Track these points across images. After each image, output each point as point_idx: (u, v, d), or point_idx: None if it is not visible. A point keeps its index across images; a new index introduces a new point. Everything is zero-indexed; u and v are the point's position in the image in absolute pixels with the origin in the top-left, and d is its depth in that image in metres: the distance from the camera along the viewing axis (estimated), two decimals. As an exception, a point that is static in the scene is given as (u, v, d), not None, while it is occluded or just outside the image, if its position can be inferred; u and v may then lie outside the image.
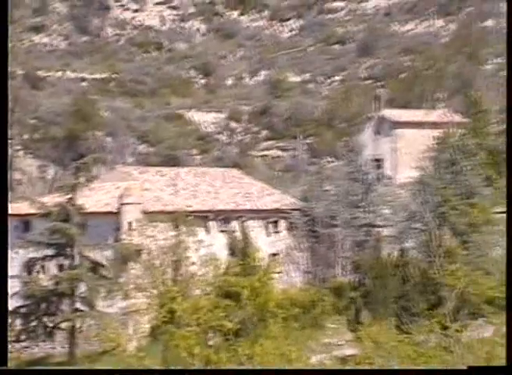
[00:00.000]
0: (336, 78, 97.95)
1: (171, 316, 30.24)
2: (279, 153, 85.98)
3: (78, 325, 35.44)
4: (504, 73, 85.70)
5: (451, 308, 18.03)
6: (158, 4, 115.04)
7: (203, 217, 40.31)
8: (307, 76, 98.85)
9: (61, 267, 36.31)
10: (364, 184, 43.20)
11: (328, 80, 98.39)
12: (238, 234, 40.78)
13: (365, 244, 40.62)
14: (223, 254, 38.14)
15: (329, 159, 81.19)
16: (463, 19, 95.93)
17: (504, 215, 38.89)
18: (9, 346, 32.17)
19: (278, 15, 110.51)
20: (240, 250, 38.85)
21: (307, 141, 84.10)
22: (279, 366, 20.48)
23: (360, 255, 39.54)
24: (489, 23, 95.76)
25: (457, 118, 56.76)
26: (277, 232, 43.60)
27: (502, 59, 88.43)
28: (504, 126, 53.52)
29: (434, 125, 55.08)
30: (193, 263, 35.39)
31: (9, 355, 27.93)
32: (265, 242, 41.96)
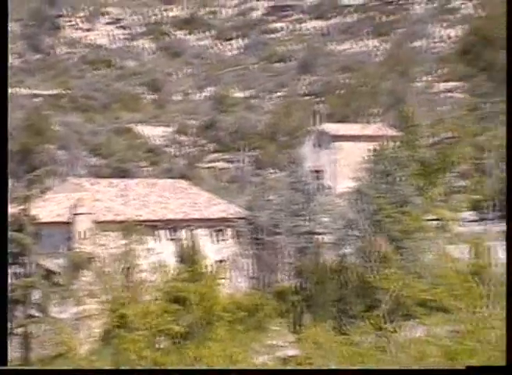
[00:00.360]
0: (278, 94, 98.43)
1: (122, 320, 29.98)
2: (225, 165, 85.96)
3: (32, 330, 34.92)
4: (434, 89, 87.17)
5: (386, 310, 18.21)
6: (108, 24, 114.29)
7: (152, 226, 40.07)
8: (251, 92, 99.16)
9: (16, 275, 35.76)
10: (305, 194, 43.42)
11: (271, 96, 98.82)
12: (186, 242, 40.61)
13: (306, 250, 40.78)
14: (172, 261, 37.93)
15: (272, 171, 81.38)
16: (395, 39, 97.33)
17: (434, 222, 39.39)
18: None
19: (223, 34, 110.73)
20: (188, 257, 38.69)
21: (252, 154, 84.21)
22: (224, 367, 20.45)
23: (301, 261, 39.66)
24: (419, 43, 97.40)
25: (391, 132, 57.46)
26: (223, 240, 43.52)
27: (431, 77, 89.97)
28: (435, 139, 54.41)
29: (370, 138, 55.69)
30: (144, 270, 35.14)
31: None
32: (212, 249, 41.85)
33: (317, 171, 60.06)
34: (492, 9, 73.32)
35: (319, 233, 42.12)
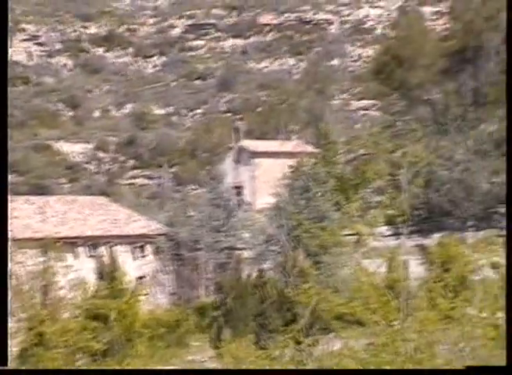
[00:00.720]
0: (198, 111, 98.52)
1: (40, 338, 29.30)
2: (146, 181, 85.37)
3: None
4: (350, 107, 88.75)
5: (304, 324, 18.35)
6: (25, 40, 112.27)
7: (72, 243, 39.41)
8: (171, 109, 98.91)
9: None
10: (225, 210, 43.49)
11: (191, 113, 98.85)
12: (106, 259, 40.06)
13: (227, 266, 40.77)
14: (91, 278, 37.35)
15: (193, 187, 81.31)
16: (312, 58, 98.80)
17: (351, 237, 39.92)
18: None
19: (142, 52, 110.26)
20: (108, 274, 38.14)
21: (172, 170, 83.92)
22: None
23: (222, 277, 39.63)
24: (335, 62, 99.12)
25: (309, 148, 58.19)
26: (144, 256, 43.13)
27: (347, 95, 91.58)
28: (351, 156, 55.30)
29: (288, 155, 56.24)
30: (62, 288, 34.47)
31: None
32: (132, 266, 41.42)
33: (237, 187, 60.23)
34: (402, 30, 75.22)
35: (239, 249, 42.17)
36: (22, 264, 35.28)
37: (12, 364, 33.14)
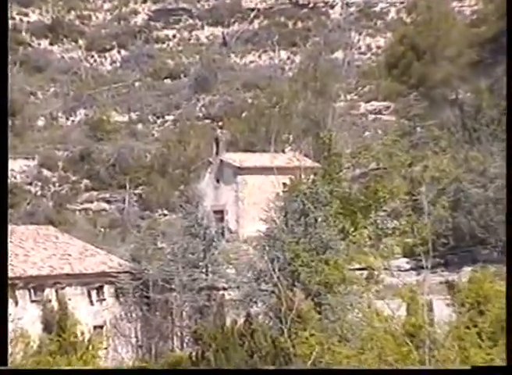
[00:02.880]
0: (169, 117, 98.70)
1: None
2: (103, 206, 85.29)
3: None
4: (357, 110, 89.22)
5: (304, 381, 18.31)
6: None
7: (11, 285, 39.28)
8: (135, 115, 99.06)
9: None
10: (204, 240, 43.52)
11: (160, 120, 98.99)
12: (54, 304, 39.95)
13: (207, 310, 40.73)
14: (36, 329, 37.22)
15: (163, 212, 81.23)
16: (309, 50, 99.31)
17: (361, 272, 40.00)
18: None
19: (97, 44, 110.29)
20: (57, 323, 38.04)
21: (137, 191, 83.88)
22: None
23: (200, 324, 39.58)
24: (339, 54, 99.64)
25: (307, 162, 58.34)
26: (102, 300, 43.02)
27: (354, 95, 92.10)
28: (359, 171, 55.47)
29: (282, 170, 56.34)
30: None
31: None
32: (88, 312, 41.31)
33: (218, 212, 60.32)
34: (421, 14, 75.77)
35: (222, 289, 42.13)
36: None
37: None
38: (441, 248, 47.96)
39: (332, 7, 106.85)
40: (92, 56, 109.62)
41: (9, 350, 32.93)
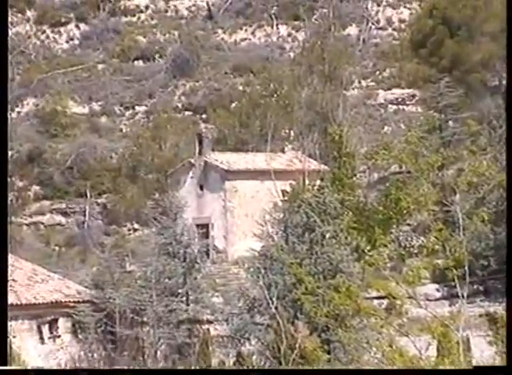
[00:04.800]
0: (140, 109, 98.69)
1: None
2: (59, 219, 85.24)
3: None
4: (375, 100, 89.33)
5: None
6: None
7: None
8: (97, 105, 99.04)
9: None
10: (184, 262, 43.53)
11: (129, 112, 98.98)
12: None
13: (187, 348, 40.72)
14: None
15: (133, 226, 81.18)
16: (315, 25, 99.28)
17: (380, 302, 40.11)
18: None
19: (49, 17, 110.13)
20: None
21: (100, 201, 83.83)
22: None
23: (180, 365, 39.62)
24: (352, 30, 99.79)
25: (313, 164, 58.42)
26: (56, 337, 43.02)
27: (371, 81, 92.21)
28: (378, 175, 55.59)
29: (281, 174, 56.45)
30: None
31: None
32: (38, 353, 41.31)
33: (202, 225, 60.31)
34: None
35: (207, 322, 42.13)
36: None
37: None
38: (480, 271, 48.01)
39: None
40: (44, 32, 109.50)
41: None
